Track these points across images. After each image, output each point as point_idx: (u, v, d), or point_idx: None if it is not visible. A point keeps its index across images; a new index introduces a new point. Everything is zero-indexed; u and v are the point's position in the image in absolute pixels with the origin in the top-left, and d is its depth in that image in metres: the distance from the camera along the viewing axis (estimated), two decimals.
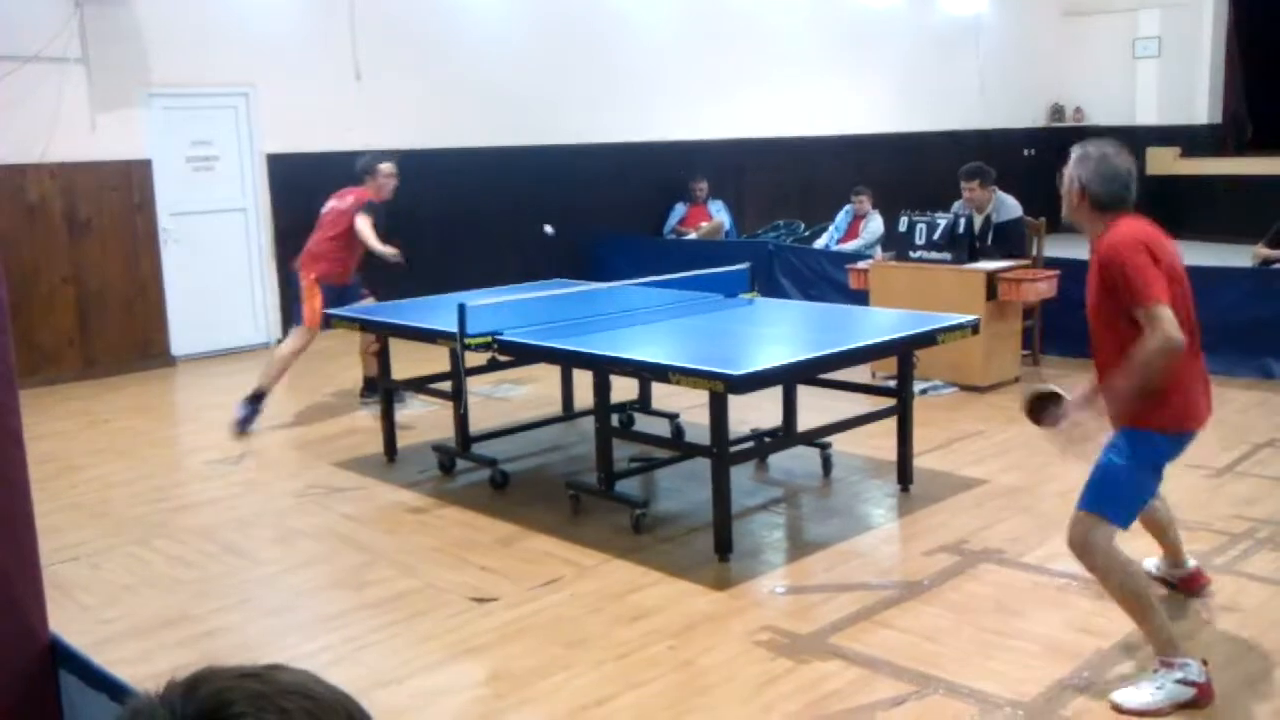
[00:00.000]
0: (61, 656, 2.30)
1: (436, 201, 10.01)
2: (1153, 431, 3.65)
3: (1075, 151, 3.79)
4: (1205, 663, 3.57)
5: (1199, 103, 16.23)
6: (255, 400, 7.18)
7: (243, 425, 7.13)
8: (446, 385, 6.18)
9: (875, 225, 11.01)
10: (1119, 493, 3.67)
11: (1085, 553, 3.65)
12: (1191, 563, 4.34)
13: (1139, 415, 3.61)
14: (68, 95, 8.76)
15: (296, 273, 7.63)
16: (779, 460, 6.16)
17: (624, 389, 6.18)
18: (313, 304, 7.38)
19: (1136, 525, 3.90)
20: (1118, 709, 3.52)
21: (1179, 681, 3.50)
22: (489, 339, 5.36)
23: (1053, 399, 3.88)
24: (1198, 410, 3.72)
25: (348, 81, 10.35)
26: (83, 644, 2.69)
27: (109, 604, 4.57)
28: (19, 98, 8.45)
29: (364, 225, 7.53)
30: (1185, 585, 4.31)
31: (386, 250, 7.43)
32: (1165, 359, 3.48)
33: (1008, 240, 8.05)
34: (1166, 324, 3.46)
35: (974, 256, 7.71)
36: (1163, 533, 4.25)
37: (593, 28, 12.04)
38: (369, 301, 7.65)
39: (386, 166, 7.85)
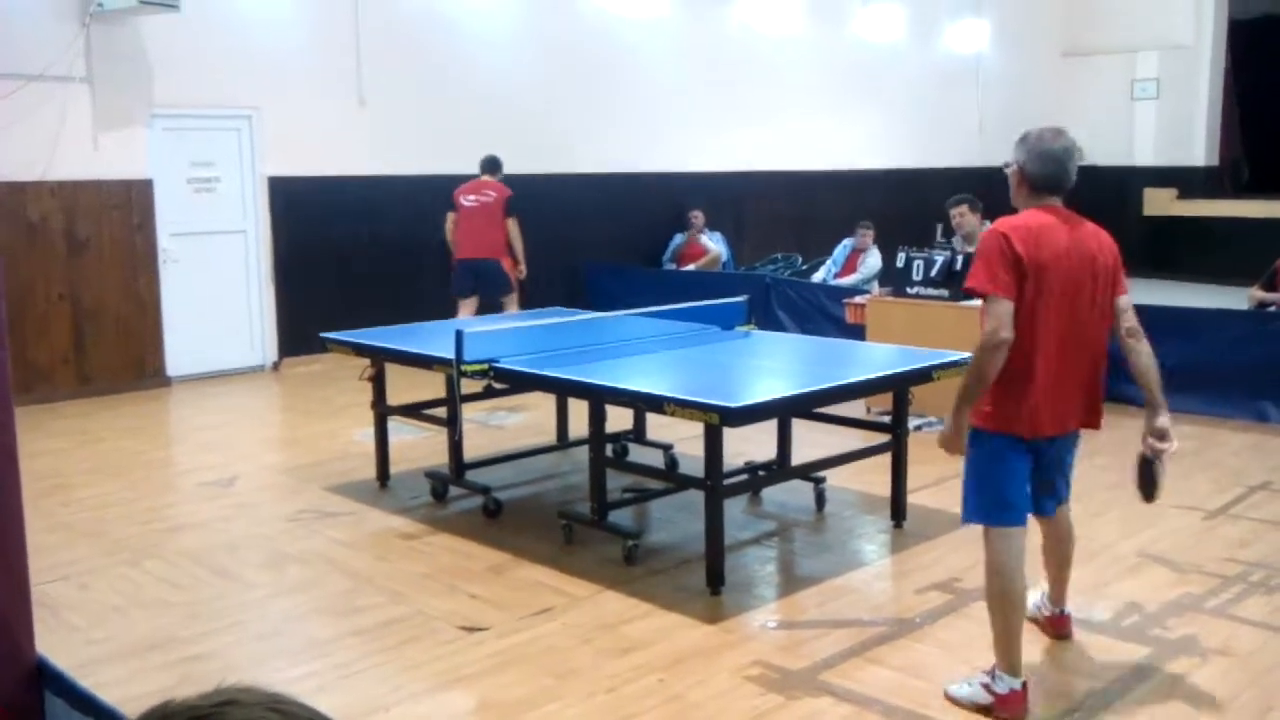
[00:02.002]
0: (48, 678, 2.29)
1: (435, 228, 10.01)
2: (982, 430, 3.70)
3: (1019, 136, 3.87)
4: (1024, 685, 3.70)
5: (1196, 145, 16.35)
6: None
7: None
8: (441, 411, 6.17)
9: (873, 260, 11.05)
10: (970, 497, 3.80)
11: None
12: (1069, 609, 4.30)
13: (979, 415, 3.70)
14: (71, 114, 8.79)
15: (489, 259, 9.48)
16: (772, 494, 6.15)
17: (619, 419, 6.17)
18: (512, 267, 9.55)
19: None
20: (945, 694, 3.84)
21: (984, 685, 3.73)
22: (485, 366, 5.36)
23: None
24: (1034, 418, 3.65)
25: (351, 107, 10.39)
26: (70, 665, 2.67)
27: (97, 625, 4.55)
28: (23, 116, 8.48)
29: (514, 223, 9.58)
30: (1052, 625, 4.28)
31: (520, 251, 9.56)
32: (990, 353, 3.55)
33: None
34: (993, 317, 3.54)
35: (970, 293, 7.72)
36: (1058, 569, 4.23)
37: (596, 58, 12.12)
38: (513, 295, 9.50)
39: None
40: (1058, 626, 4.29)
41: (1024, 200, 3.81)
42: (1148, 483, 3.90)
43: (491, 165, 9.82)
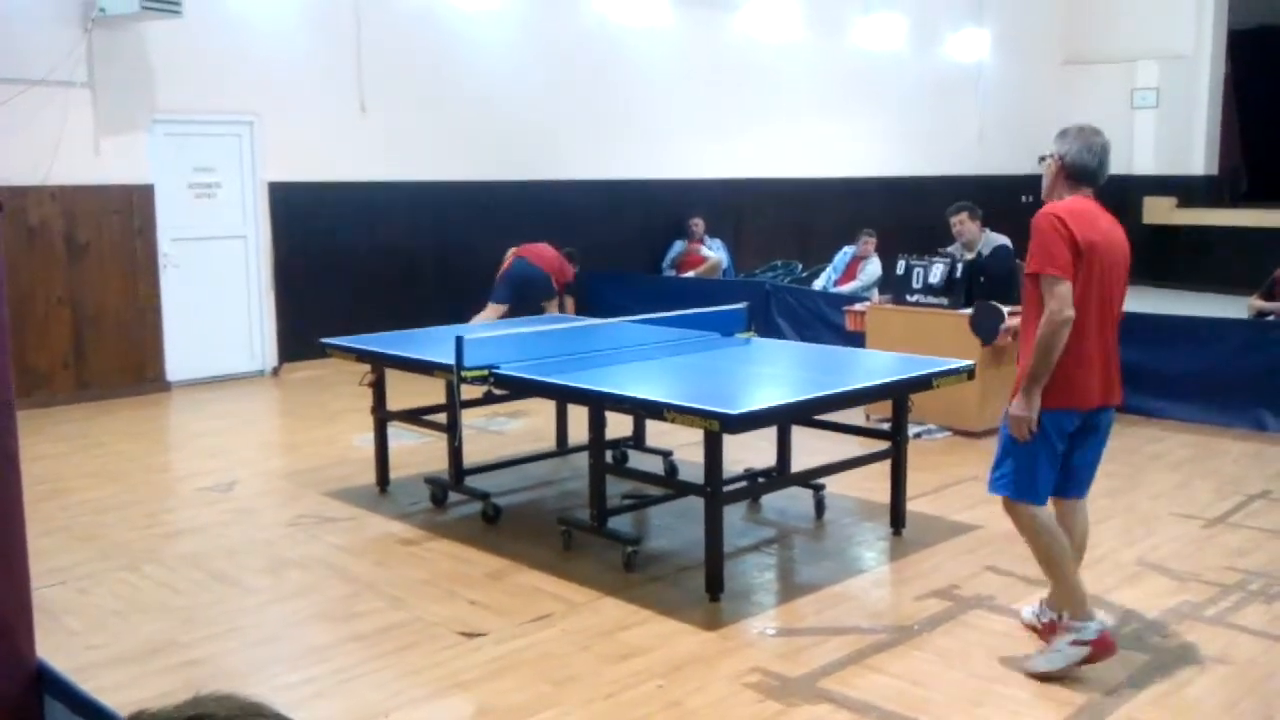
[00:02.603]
0: (48, 683, 2.29)
1: (435, 234, 10.05)
2: (1041, 409, 3.90)
3: (1060, 131, 4.08)
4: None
5: (1196, 154, 16.37)
6: None
7: None
8: (441, 417, 6.17)
9: (873, 268, 11.06)
10: (1006, 470, 4.01)
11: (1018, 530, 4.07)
12: (1058, 615, 4.20)
13: (1014, 391, 3.95)
14: (73, 119, 8.80)
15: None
16: (772, 500, 6.15)
17: (618, 425, 6.17)
18: None
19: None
20: (1028, 673, 3.97)
21: (1072, 642, 3.89)
22: (485, 372, 5.37)
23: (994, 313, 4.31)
24: (1087, 389, 3.91)
25: (352, 113, 10.41)
26: (69, 670, 2.67)
27: (96, 629, 4.54)
28: (24, 120, 8.49)
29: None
30: (1049, 632, 4.20)
31: None
32: (1056, 331, 3.76)
33: (994, 266, 8.07)
34: (1056, 298, 3.76)
35: (970, 301, 7.74)
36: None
37: (596, 65, 12.14)
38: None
39: None
40: (1049, 633, 4.25)
41: (1060, 190, 4.02)
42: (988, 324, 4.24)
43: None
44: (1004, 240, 8.32)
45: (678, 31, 12.81)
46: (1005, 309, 5.97)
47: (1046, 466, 3.97)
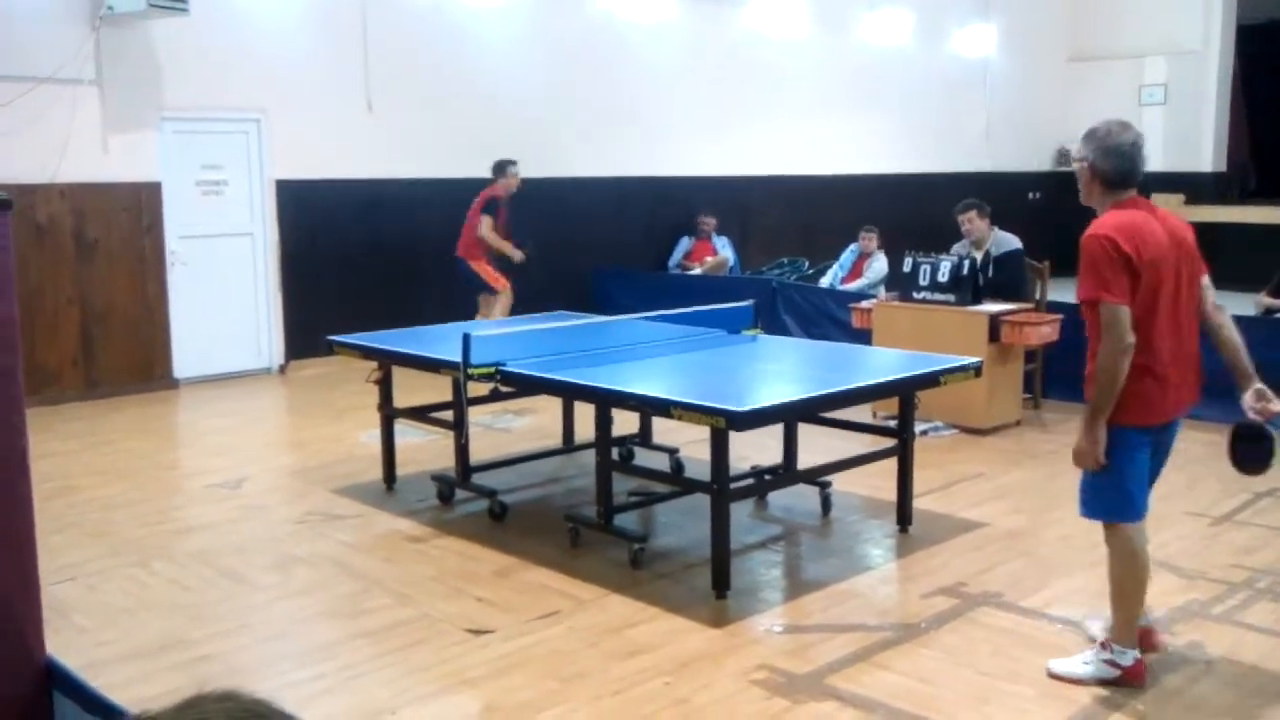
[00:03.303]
0: (57, 679, 2.30)
1: (442, 231, 10.02)
2: (1110, 428, 3.74)
3: (1085, 132, 3.88)
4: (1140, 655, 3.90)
5: (1204, 150, 16.32)
6: None
7: None
8: (448, 414, 6.18)
9: (879, 265, 11.05)
10: (1095, 492, 3.86)
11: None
12: (1152, 616, 4.20)
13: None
14: (80, 117, 8.83)
15: (462, 260, 9.58)
16: (778, 498, 6.15)
17: (625, 422, 6.18)
18: (488, 270, 9.53)
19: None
20: (1050, 673, 3.96)
21: (1108, 662, 3.87)
22: (492, 370, 5.38)
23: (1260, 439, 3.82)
24: (1160, 405, 3.77)
25: (359, 111, 10.42)
26: (78, 666, 2.69)
27: (105, 626, 4.56)
28: (32, 118, 8.51)
29: (484, 222, 9.51)
30: (1140, 639, 4.07)
31: (504, 246, 9.56)
32: (1119, 360, 3.61)
33: (1006, 271, 8.08)
34: (1116, 325, 3.60)
35: (977, 298, 7.73)
36: None
37: (603, 62, 12.14)
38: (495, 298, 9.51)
39: (514, 168, 9.75)
40: (1146, 640, 4.07)
41: (1099, 197, 3.85)
42: (1257, 454, 3.84)
43: (493, 169, 9.87)
44: (1013, 239, 8.31)
45: (684, 28, 12.80)
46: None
47: (1134, 480, 3.81)
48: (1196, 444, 7.22)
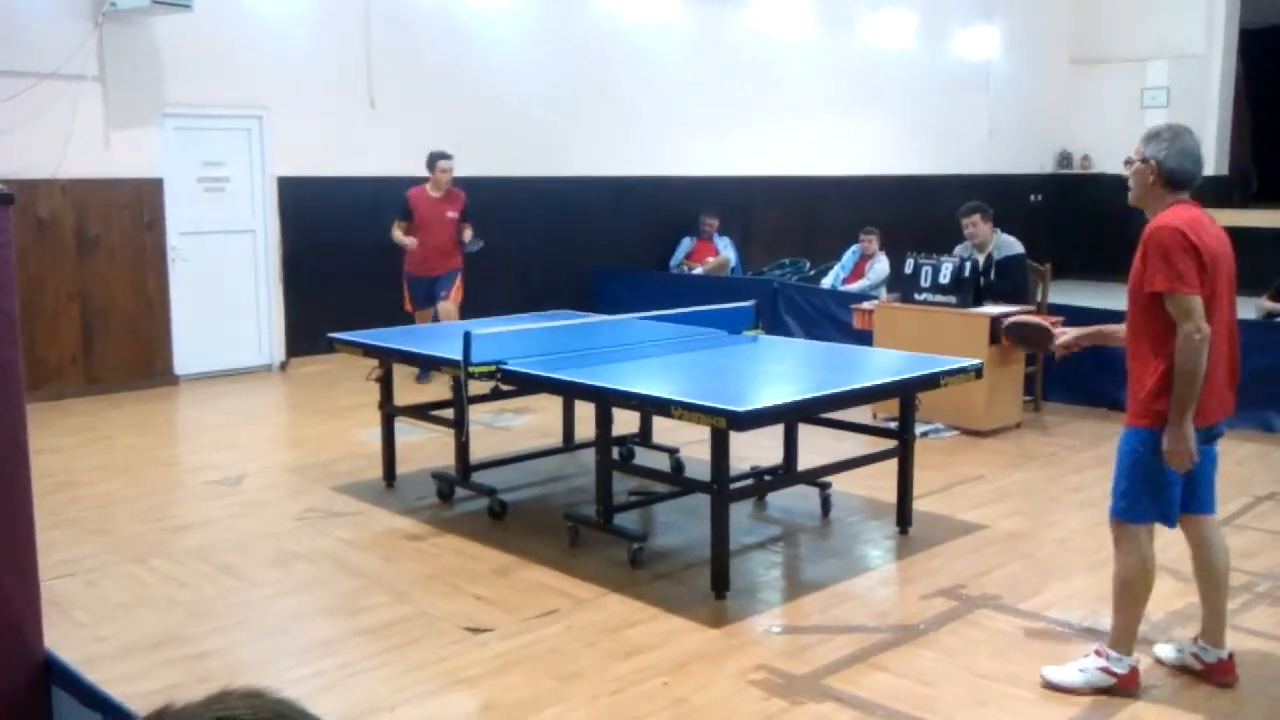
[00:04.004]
0: (55, 673, 2.30)
1: None
2: (1153, 428, 3.71)
3: (1147, 133, 3.93)
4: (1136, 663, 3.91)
5: (1206, 154, 16.23)
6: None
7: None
8: (448, 412, 6.18)
9: (881, 266, 11.05)
10: (1130, 492, 3.81)
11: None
12: (1225, 652, 4.01)
13: (1152, 415, 3.71)
14: (83, 113, 8.83)
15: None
16: (778, 498, 6.15)
17: (625, 422, 6.18)
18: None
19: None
20: (1044, 681, 3.93)
21: (1102, 669, 3.86)
22: (493, 368, 5.38)
23: (1036, 331, 4.35)
24: (1207, 406, 3.73)
25: (362, 108, 10.43)
26: (76, 661, 2.69)
27: (104, 622, 4.56)
28: (35, 114, 8.52)
29: (395, 225, 9.18)
30: (1218, 672, 3.97)
31: (406, 242, 9.14)
32: (1198, 351, 3.59)
33: (1009, 276, 8.08)
34: (1192, 315, 3.59)
35: (979, 300, 7.73)
36: (1213, 589, 4.04)
37: (606, 61, 12.14)
38: (445, 304, 9.19)
39: (442, 163, 9.23)
40: (1223, 674, 3.96)
41: (1156, 196, 3.85)
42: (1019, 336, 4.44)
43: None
44: (1015, 243, 8.31)
45: (687, 28, 12.80)
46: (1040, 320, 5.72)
47: (1175, 482, 3.77)
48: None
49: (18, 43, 8.47)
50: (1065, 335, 4.32)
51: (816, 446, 6.20)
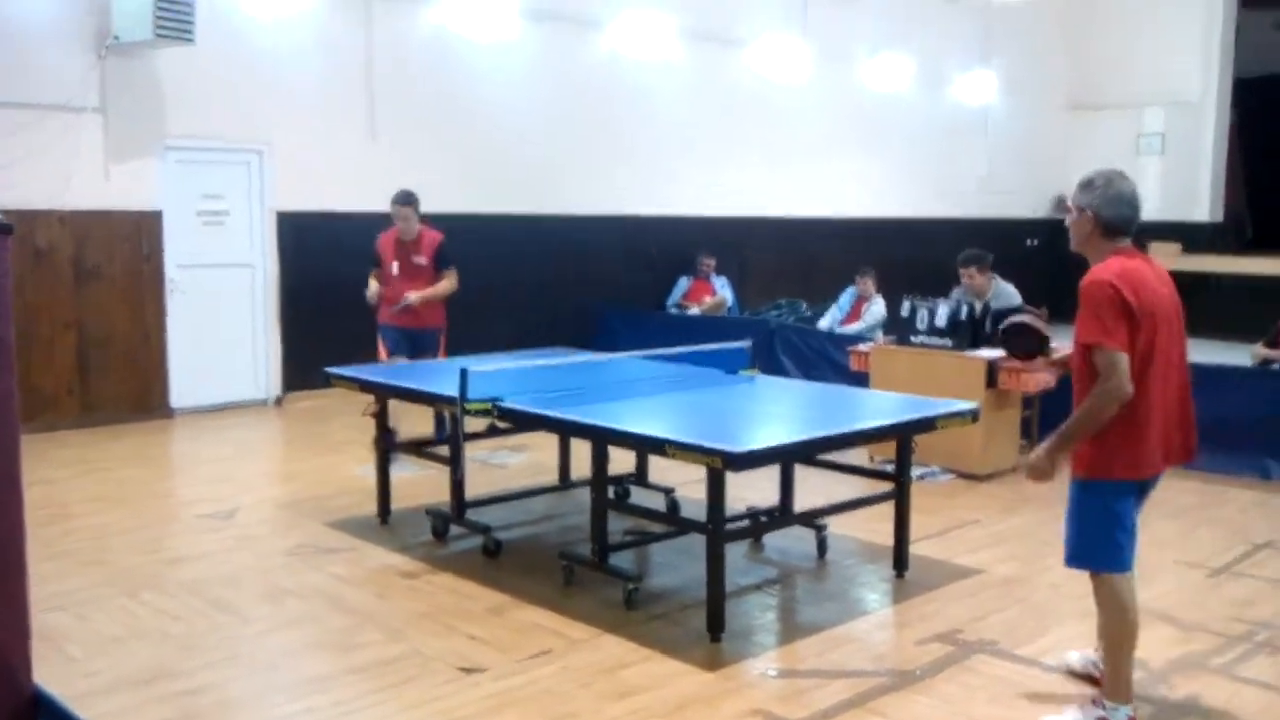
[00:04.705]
0: (44, 709, 2.27)
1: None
2: (1094, 479, 3.76)
3: (1081, 181, 3.91)
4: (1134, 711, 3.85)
5: (1201, 200, 16.43)
6: None
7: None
8: (443, 449, 6.15)
9: (878, 308, 11.07)
10: (1082, 541, 3.86)
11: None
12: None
13: (1090, 466, 3.76)
14: (84, 144, 8.86)
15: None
16: (774, 540, 6.13)
17: (621, 461, 6.16)
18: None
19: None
20: None
21: (1100, 718, 3.83)
22: (489, 405, 5.36)
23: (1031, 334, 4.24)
24: (1149, 458, 3.77)
25: (363, 143, 10.47)
26: (67, 696, 2.66)
27: (95, 656, 4.52)
28: (36, 145, 8.55)
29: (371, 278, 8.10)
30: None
31: (369, 294, 7.99)
32: (1110, 406, 3.62)
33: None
34: (1116, 373, 3.60)
35: (975, 344, 7.74)
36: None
37: (607, 101, 12.21)
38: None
39: (398, 209, 8.09)
40: None
41: (1096, 245, 3.86)
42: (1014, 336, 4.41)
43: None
44: (1014, 293, 8.32)
45: (687, 69, 12.87)
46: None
47: (1124, 532, 3.81)
48: (1189, 494, 7.22)
49: (20, 75, 8.51)
50: (1060, 352, 4.38)
51: (813, 488, 6.18)
